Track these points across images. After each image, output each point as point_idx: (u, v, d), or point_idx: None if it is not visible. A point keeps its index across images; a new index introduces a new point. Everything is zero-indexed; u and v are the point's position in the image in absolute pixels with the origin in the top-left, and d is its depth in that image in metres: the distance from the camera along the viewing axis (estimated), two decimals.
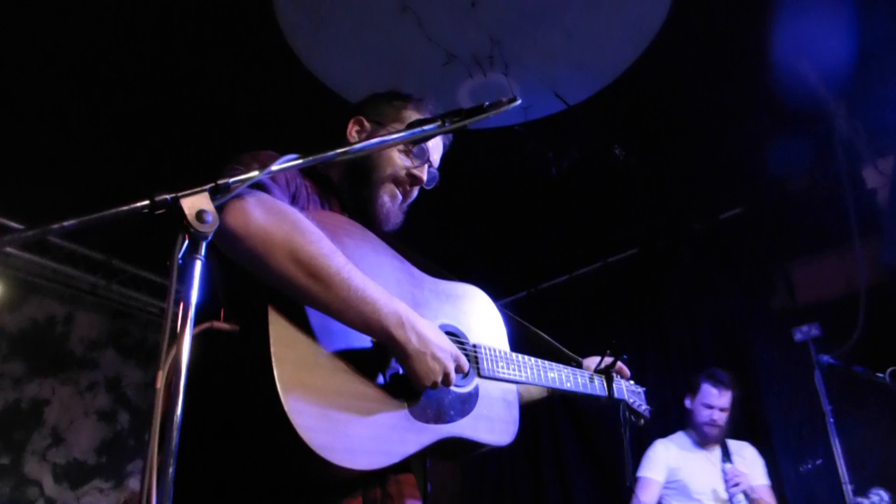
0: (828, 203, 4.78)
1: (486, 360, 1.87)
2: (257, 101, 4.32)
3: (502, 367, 1.91)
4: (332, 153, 1.45)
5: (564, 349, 2.35)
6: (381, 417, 1.54)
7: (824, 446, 4.62)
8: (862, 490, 4.07)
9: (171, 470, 1.02)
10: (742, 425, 5.21)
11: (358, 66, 4.13)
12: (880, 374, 3.85)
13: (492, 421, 1.83)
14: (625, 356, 2.44)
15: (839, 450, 4.56)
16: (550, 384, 2.12)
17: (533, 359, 2.06)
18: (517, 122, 4.52)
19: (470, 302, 1.99)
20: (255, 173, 1.29)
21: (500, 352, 1.93)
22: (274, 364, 1.37)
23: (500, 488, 6.41)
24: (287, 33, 3.96)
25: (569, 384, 2.20)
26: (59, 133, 4.49)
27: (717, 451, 4.35)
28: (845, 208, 4.44)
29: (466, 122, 1.59)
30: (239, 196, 1.36)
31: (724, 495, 4.15)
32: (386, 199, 1.90)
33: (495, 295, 2.10)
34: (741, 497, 4.14)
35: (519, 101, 1.64)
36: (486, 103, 1.61)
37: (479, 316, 1.99)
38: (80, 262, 5.84)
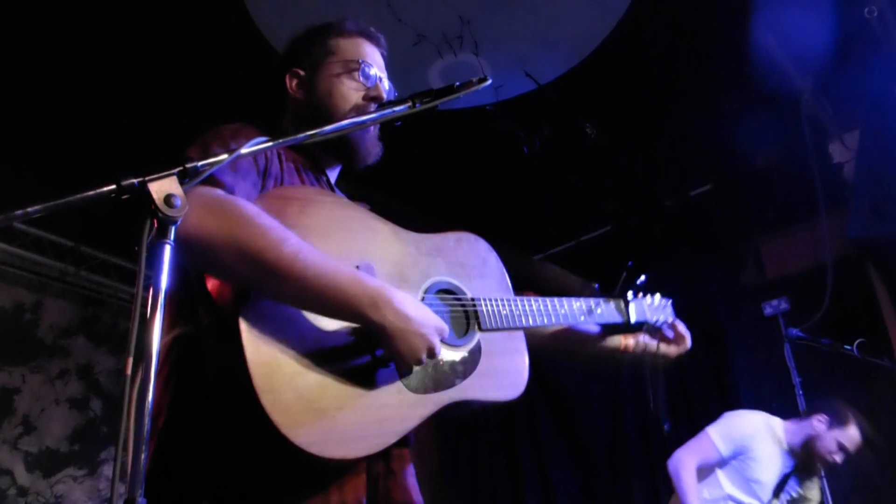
0: (795, 178, 4.83)
1: (487, 313, 1.78)
2: (220, 75, 4.24)
3: (506, 316, 1.82)
4: (302, 135, 1.44)
5: (575, 277, 2.22)
6: (374, 398, 1.49)
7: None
8: None
9: (143, 456, 1.01)
10: (713, 398, 5.30)
11: None
12: (847, 347, 3.91)
13: (497, 376, 1.75)
14: (642, 279, 2.27)
15: None
16: (563, 322, 2.01)
17: (539, 300, 1.96)
18: (488, 102, 4.51)
19: (464, 251, 1.88)
20: (224, 156, 1.27)
21: (502, 301, 1.83)
22: (250, 368, 1.34)
23: (477, 467, 6.46)
24: (253, 12, 3.91)
25: (583, 318, 2.07)
26: (20, 116, 4.41)
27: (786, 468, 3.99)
28: (812, 183, 4.49)
29: (437, 102, 1.58)
30: None
31: (766, 501, 3.86)
32: (358, 132, 1.84)
33: None
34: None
35: (489, 81, 1.63)
36: (457, 83, 1.60)
37: (476, 264, 1.88)
38: (47, 248, 5.75)
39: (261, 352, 1.37)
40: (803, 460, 3.97)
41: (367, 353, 1.52)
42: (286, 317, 1.44)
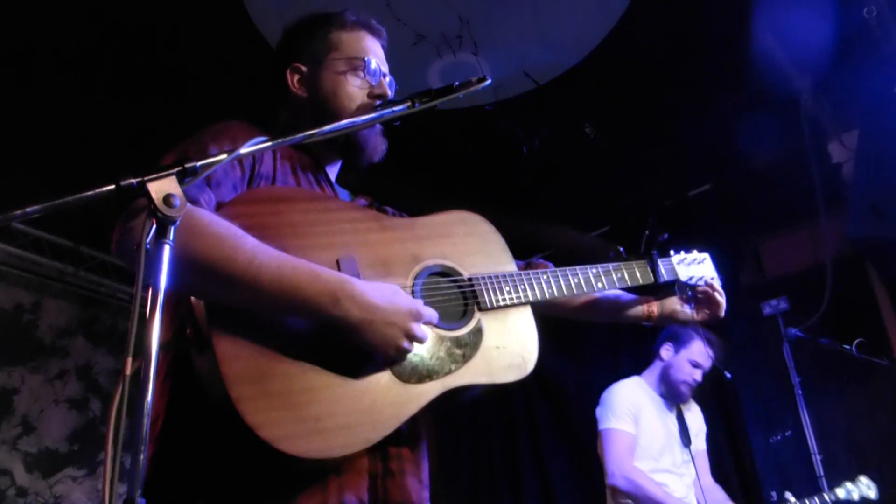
0: (794, 178, 4.83)
1: (487, 291, 1.71)
2: (219, 74, 4.23)
3: (508, 292, 1.74)
4: (300, 135, 1.43)
5: (600, 240, 2.11)
6: (363, 393, 1.44)
7: (793, 417, 4.72)
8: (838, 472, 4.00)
9: (141, 457, 1.01)
10: (713, 397, 5.31)
11: None
12: (847, 346, 3.92)
13: (504, 356, 1.67)
14: (665, 235, 2.17)
15: (808, 421, 4.65)
16: (576, 291, 1.90)
17: (548, 271, 1.88)
18: (487, 102, 4.50)
19: (459, 230, 1.80)
20: (223, 156, 1.26)
21: (503, 276, 1.75)
22: (224, 379, 1.32)
23: (477, 467, 6.46)
24: (253, 13, 3.91)
25: (600, 284, 1.94)
26: (19, 116, 4.41)
27: (672, 412, 4.02)
28: (811, 183, 4.49)
29: (436, 102, 1.58)
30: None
31: (680, 458, 3.85)
32: (364, 130, 1.81)
33: None
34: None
35: (488, 81, 1.62)
36: (456, 83, 1.59)
37: (472, 242, 1.80)
38: (46, 248, 5.74)
39: (238, 360, 1.35)
40: (674, 395, 3.97)
41: (350, 346, 1.46)
42: (261, 320, 1.41)
